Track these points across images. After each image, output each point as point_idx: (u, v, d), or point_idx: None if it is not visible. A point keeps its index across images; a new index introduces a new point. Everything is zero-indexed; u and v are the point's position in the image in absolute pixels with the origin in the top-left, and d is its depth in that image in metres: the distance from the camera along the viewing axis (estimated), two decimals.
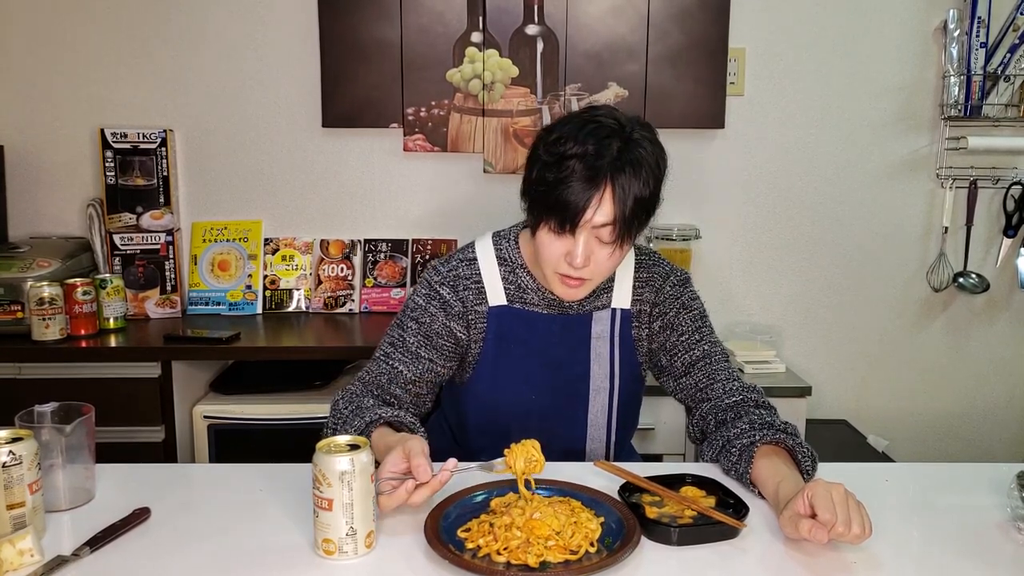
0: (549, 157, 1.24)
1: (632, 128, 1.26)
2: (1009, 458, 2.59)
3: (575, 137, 1.23)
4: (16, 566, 0.98)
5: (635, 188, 1.22)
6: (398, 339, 1.38)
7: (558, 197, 1.22)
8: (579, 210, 1.21)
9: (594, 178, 1.21)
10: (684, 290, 1.43)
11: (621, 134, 1.24)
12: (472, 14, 2.34)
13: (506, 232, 1.43)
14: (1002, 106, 2.40)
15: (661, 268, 1.44)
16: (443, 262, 1.42)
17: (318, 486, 1.00)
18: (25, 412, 1.15)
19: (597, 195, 1.21)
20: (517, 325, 1.39)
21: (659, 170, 1.27)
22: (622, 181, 1.21)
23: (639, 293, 1.42)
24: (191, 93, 2.43)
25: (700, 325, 1.41)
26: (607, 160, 1.21)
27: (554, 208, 1.23)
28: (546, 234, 1.26)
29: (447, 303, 1.38)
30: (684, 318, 1.41)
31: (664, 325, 1.41)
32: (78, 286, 2.09)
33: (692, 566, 1.02)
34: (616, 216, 1.22)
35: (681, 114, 2.40)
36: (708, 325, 1.42)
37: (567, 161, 1.22)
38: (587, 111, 1.29)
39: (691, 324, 1.40)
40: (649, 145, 1.26)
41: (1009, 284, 2.56)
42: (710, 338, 1.41)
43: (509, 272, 1.40)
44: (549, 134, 1.27)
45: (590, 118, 1.26)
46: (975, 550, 1.07)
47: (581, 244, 1.24)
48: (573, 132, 1.24)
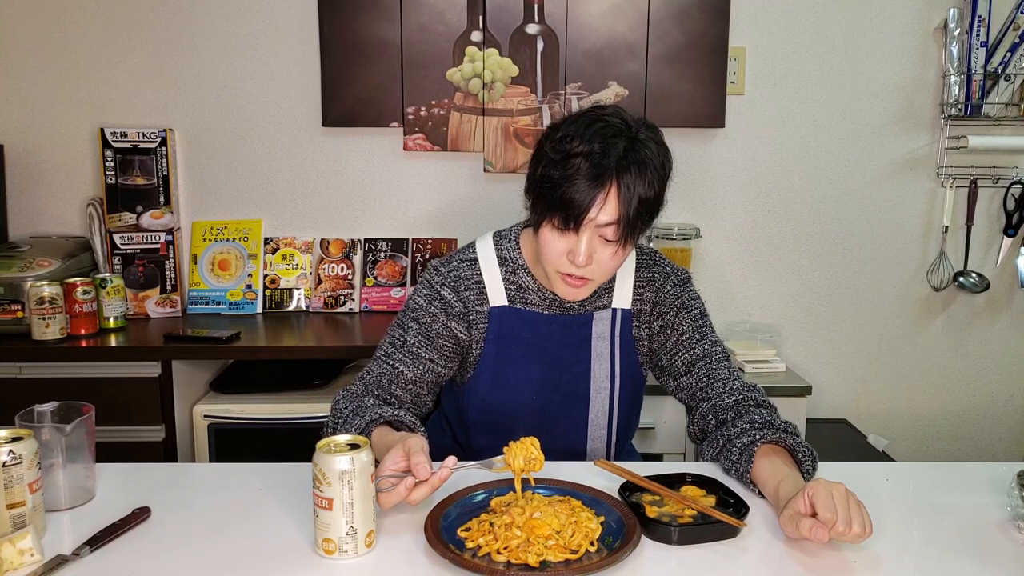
0: (555, 155, 1.24)
1: (638, 129, 1.26)
2: (1009, 457, 2.59)
3: (581, 136, 1.23)
4: (16, 565, 0.98)
5: (640, 188, 1.22)
6: (399, 339, 1.38)
7: (563, 194, 1.22)
8: (584, 208, 1.21)
9: (599, 176, 1.21)
10: (684, 289, 1.43)
11: (627, 134, 1.24)
12: (472, 13, 2.34)
13: (507, 232, 1.43)
14: (1002, 105, 2.40)
15: (662, 268, 1.44)
16: (444, 262, 1.42)
17: (318, 485, 1.00)
18: (25, 412, 1.15)
19: (602, 194, 1.21)
20: (518, 325, 1.39)
21: (664, 171, 1.27)
22: (627, 180, 1.21)
23: (640, 293, 1.42)
24: (191, 93, 2.43)
25: (700, 325, 1.41)
26: (613, 159, 1.21)
27: (558, 205, 1.23)
28: (549, 232, 1.26)
29: (448, 303, 1.38)
30: (684, 318, 1.40)
31: (665, 324, 1.41)
32: (78, 285, 2.09)
33: (692, 566, 1.02)
34: (620, 215, 1.22)
35: (681, 113, 2.40)
36: (708, 325, 1.42)
37: (573, 159, 1.22)
38: (593, 110, 1.29)
39: (691, 324, 1.40)
40: (655, 146, 1.26)
41: (1009, 283, 2.56)
42: (710, 337, 1.41)
43: (510, 272, 1.40)
44: (555, 132, 1.27)
45: (597, 117, 1.26)
46: (975, 550, 1.07)
47: (584, 242, 1.24)
48: (579, 131, 1.24)
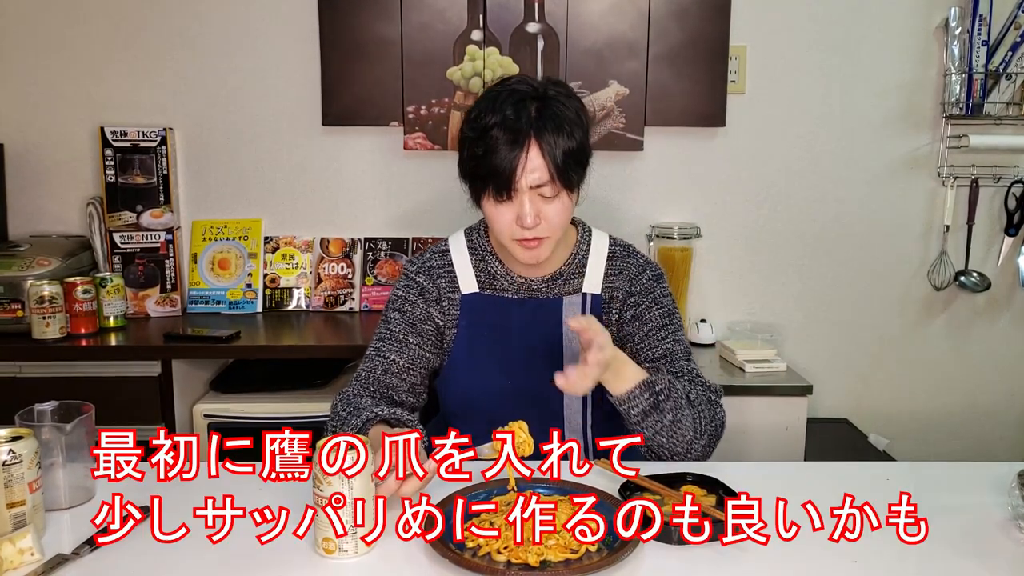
0: (473, 132, 1.31)
1: (546, 88, 1.32)
2: (1010, 457, 2.58)
3: (492, 108, 1.30)
4: (16, 565, 0.98)
5: (561, 142, 1.28)
6: (386, 332, 1.44)
7: (488, 165, 1.28)
8: (510, 171, 1.27)
9: (517, 139, 1.27)
10: (658, 285, 1.46)
11: (536, 95, 1.30)
12: (472, 12, 2.34)
13: (476, 225, 1.50)
14: (1003, 104, 2.40)
15: (636, 260, 1.48)
16: (418, 256, 1.51)
17: (318, 485, 1.00)
18: (25, 411, 1.15)
19: (523, 154, 1.27)
20: (489, 311, 1.44)
21: (582, 120, 1.33)
22: (547, 138, 1.27)
23: (611, 280, 1.46)
24: (191, 92, 2.43)
25: (667, 323, 1.44)
26: (525, 120, 1.27)
27: (488, 177, 1.29)
28: (492, 206, 1.32)
29: (424, 289, 1.45)
30: (655, 313, 1.44)
31: (635, 316, 1.44)
32: (78, 285, 2.09)
33: (692, 565, 1.02)
34: (550, 170, 1.28)
35: (682, 112, 2.39)
36: (675, 323, 1.45)
37: (490, 132, 1.29)
38: (500, 83, 1.36)
39: (659, 320, 1.43)
40: (566, 99, 1.32)
41: (1010, 283, 2.56)
42: (675, 336, 1.44)
43: (480, 260, 1.46)
44: (470, 113, 1.35)
45: (503, 88, 1.33)
46: (976, 550, 1.07)
47: (526, 204, 1.29)
48: (490, 104, 1.31)
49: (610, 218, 2.45)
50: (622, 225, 2.45)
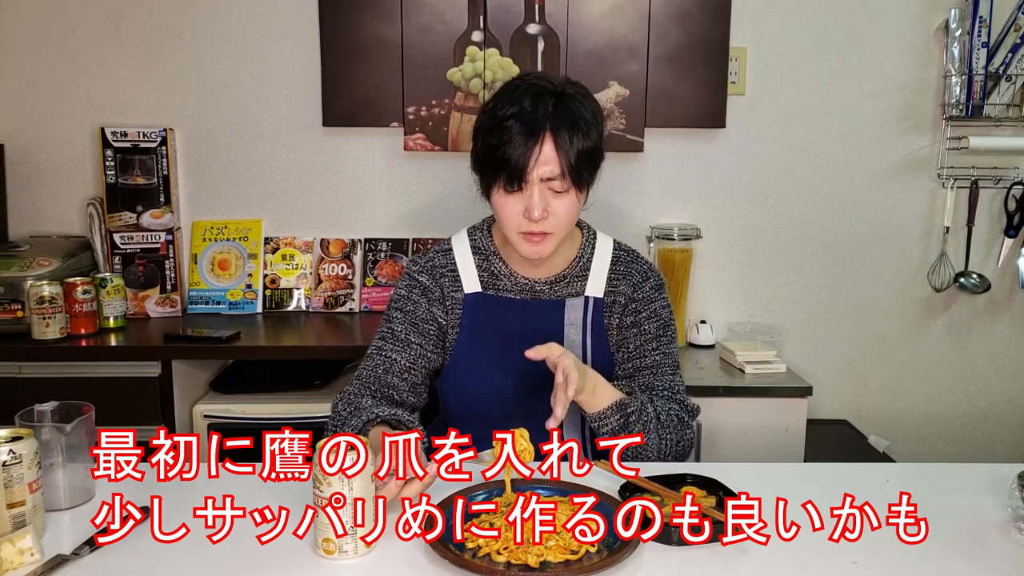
0: (489, 123, 1.32)
1: (564, 86, 1.34)
2: (1010, 458, 2.58)
3: (510, 99, 1.31)
4: (16, 565, 0.98)
5: (576, 139, 1.29)
6: (387, 332, 1.44)
7: (502, 155, 1.29)
8: (524, 162, 1.28)
9: (533, 131, 1.28)
10: (659, 295, 1.48)
11: (554, 92, 1.32)
12: (473, 13, 2.34)
13: (480, 224, 1.50)
14: (1003, 106, 2.40)
15: (640, 266, 1.49)
16: (421, 255, 1.50)
17: (318, 486, 1.00)
18: (25, 411, 1.15)
19: (538, 146, 1.28)
20: (491, 311, 1.44)
21: (597, 121, 1.35)
22: (562, 133, 1.29)
23: (614, 284, 1.46)
24: (191, 92, 2.43)
25: (661, 334, 1.45)
26: (541, 113, 1.29)
27: (501, 166, 1.29)
28: (501, 196, 1.33)
29: (427, 288, 1.45)
30: (652, 324, 1.45)
31: (633, 323, 1.45)
32: (78, 285, 2.09)
33: (692, 566, 1.02)
34: (562, 165, 1.29)
35: (682, 113, 2.39)
36: (669, 335, 1.47)
37: (506, 122, 1.29)
38: (518, 78, 1.38)
39: (655, 331, 1.45)
40: (583, 99, 1.34)
41: (1010, 284, 2.56)
42: (666, 348, 1.45)
43: (483, 260, 1.46)
44: (487, 104, 1.36)
45: (522, 82, 1.34)
46: (975, 551, 1.07)
47: (535, 196, 1.30)
48: (508, 96, 1.32)
49: (610, 219, 2.45)
50: (622, 226, 2.46)
